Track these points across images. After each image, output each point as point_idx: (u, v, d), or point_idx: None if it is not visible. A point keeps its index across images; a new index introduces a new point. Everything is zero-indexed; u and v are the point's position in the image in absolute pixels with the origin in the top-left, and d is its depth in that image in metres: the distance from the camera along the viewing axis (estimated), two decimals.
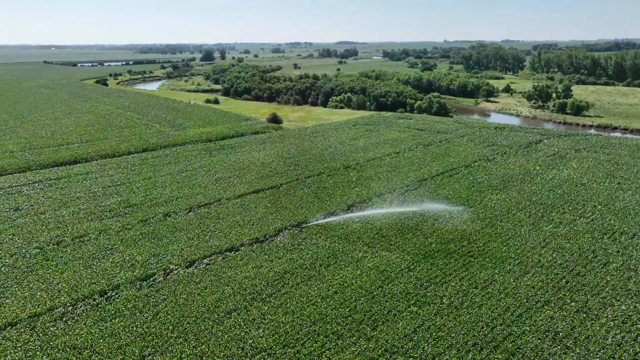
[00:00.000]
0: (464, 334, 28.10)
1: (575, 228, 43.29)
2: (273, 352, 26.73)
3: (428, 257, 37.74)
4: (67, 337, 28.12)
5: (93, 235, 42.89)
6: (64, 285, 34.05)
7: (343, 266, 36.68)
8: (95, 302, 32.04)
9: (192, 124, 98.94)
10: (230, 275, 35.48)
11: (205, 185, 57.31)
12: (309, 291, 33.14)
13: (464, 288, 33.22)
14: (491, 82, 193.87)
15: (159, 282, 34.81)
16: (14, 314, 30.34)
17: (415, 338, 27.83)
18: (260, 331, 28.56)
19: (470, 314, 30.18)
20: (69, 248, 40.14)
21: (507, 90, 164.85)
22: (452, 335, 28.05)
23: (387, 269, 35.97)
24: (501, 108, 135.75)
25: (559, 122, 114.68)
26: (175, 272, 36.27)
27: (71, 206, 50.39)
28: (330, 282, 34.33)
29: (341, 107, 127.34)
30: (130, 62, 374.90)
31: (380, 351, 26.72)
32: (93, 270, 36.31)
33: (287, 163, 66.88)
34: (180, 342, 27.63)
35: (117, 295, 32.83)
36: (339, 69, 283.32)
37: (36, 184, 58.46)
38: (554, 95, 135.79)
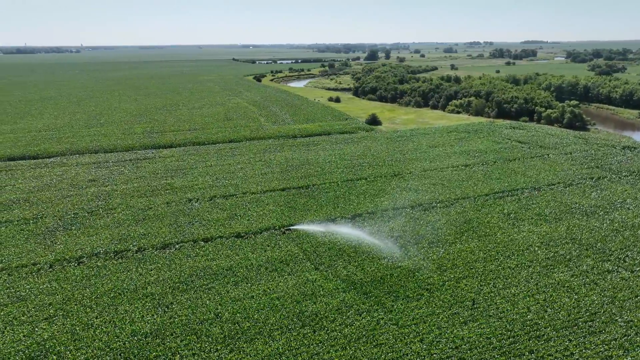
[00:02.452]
0: None
1: (599, 281, 33.74)
2: (142, 339, 28.08)
3: (375, 283, 34.07)
4: (23, 287, 33.97)
5: (120, 209, 49.75)
6: (62, 247, 40.74)
7: (286, 274, 35.67)
8: (68, 265, 37.70)
9: (294, 120, 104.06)
10: (182, 262, 37.70)
11: (247, 177, 60.59)
12: (231, 291, 33.32)
13: (382, 323, 29.34)
14: None
15: (127, 257, 38.97)
16: (8, 264, 37.72)
17: None
18: (152, 318, 30.13)
19: (354, 349, 26.74)
20: (93, 218, 47.45)
21: None
22: None
23: (322, 285, 33.76)
24: None
25: None
26: (147, 251, 40.06)
27: (130, 183, 58.92)
28: (259, 286, 33.87)
29: (458, 112, 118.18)
30: (299, 60, 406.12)
31: None
32: (92, 238, 42.45)
33: (340, 165, 65.99)
34: (85, 312, 30.94)
35: (87, 262, 38.02)
36: (498, 71, 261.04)
37: (125, 162, 69.61)
38: None
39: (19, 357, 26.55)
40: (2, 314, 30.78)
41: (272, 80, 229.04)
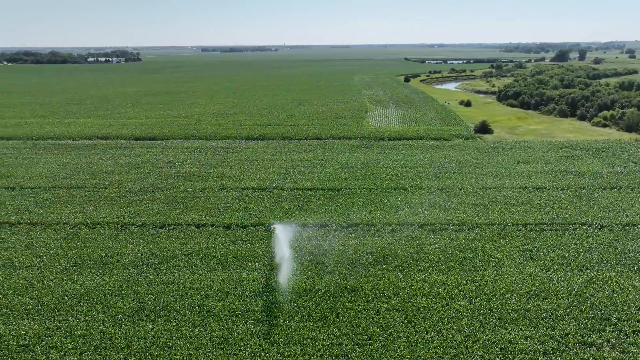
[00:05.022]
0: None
1: (555, 352, 25.84)
2: (65, 299, 32.38)
3: (300, 294, 32.38)
4: (39, 238, 42.02)
5: (165, 189, 56.39)
6: (94, 213, 48.64)
7: (227, 269, 36.40)
8: (84, 228, 44.98)
9: (399, 122, 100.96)
10: (160, 242, 41.42)
11: (292, 174, 61.90)
12: (168, 275, 35.59)
13: (256, 336, 28.09)
14: None
15: (126, 230, 44.60)
16: (50, 220, 46.82)
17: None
18: (89, 284, 34.39)
19: (204, 351, 26.36)
20: (140, 193, 54.86)
21: None
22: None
23: (244, 287, 33.58)
24: None
25: None
26: (146, 227, 45.10)
27: (193, 167, 65.93)
28: (193, 276, 35.39)
29: (605, 125, 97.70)
30: (471, 61, 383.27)
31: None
32: (121, 210, 49.50)
33: (393, 172, 62.20)
34: (52, 268, 36.81)
35: (97, 229, 44.79)
36: None
37: (209, 149, 77.63)
38: None
39: None
40: (4, 256, 38.91)
41: (422, 81, 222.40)
